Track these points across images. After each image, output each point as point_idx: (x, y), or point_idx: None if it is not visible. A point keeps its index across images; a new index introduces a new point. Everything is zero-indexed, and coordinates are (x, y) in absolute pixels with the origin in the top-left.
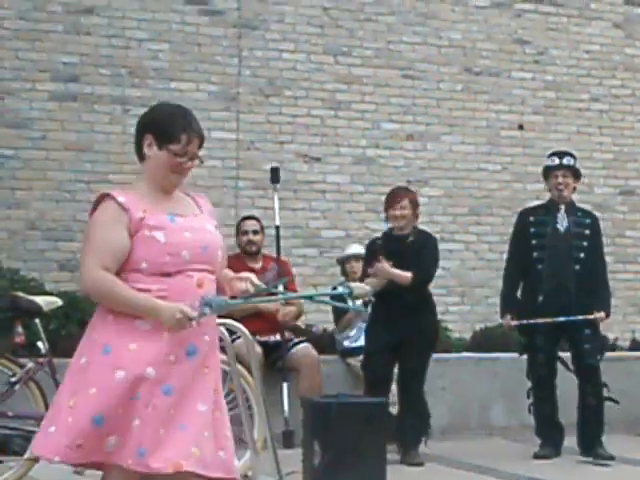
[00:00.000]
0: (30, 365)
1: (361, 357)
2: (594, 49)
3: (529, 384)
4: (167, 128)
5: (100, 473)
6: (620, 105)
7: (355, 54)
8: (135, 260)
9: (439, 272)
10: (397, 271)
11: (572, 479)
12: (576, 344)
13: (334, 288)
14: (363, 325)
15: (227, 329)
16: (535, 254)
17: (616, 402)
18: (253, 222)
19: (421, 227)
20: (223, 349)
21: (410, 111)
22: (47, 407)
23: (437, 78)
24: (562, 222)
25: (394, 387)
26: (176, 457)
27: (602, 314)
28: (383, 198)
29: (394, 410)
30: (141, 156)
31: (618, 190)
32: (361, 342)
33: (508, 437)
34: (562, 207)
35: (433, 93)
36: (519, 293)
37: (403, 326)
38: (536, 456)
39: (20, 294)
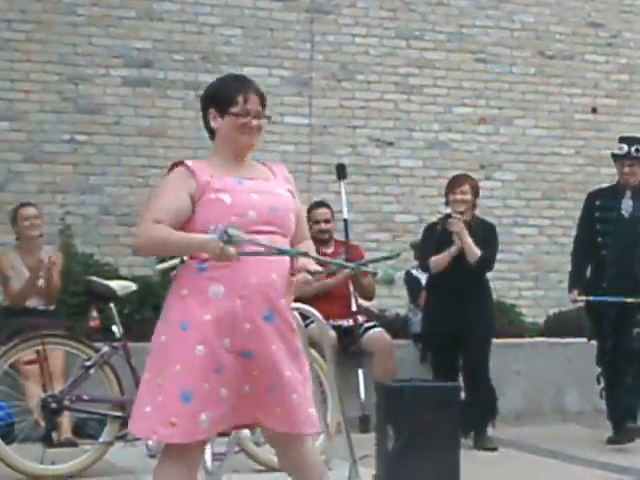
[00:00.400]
0: (105, 349)
1: None
2: None
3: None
4: (222, 95)
5: None
6: None
7: (427, 38)
8: (201, 223)
9: (513, 257)
10: (470, 240)
11: None
12: (624, 326)
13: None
14: None
15: (300, 313)
16: (600, 239)
17: None
18: (324, 210)
19: (487, 214)
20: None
21: (483, 95)
22: (122, 391)
23: (510, 62)
24: (627, 207)
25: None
26: (257, 412)
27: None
28: None
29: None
30: (212, 133)
31: None
32: None
33: (581, 423)
34: (629, 192)
35: (506, 77)
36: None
37: (463, 312)
38: (609, 441)
39: (94, 279)
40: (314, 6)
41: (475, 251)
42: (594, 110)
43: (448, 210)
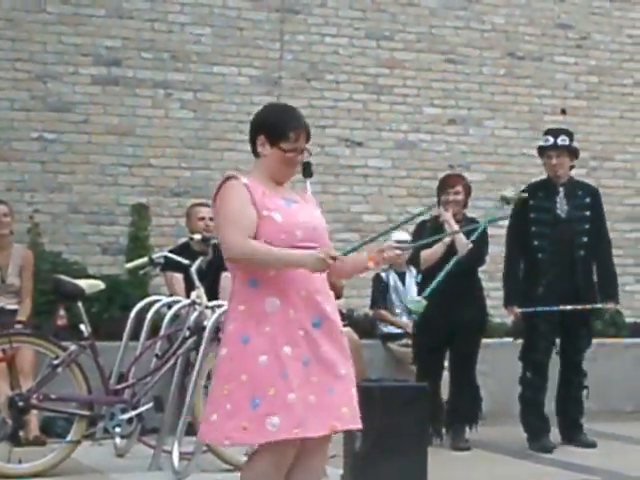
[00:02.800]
0: (73, 348)
1: (403, 341)
2: (637, 33)
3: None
4: (276, 126)
5: None
6: None
7: (397, 38)
8: (254, 238)
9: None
10: (461, 234)
11: (615, 464)
12: (571, 338)
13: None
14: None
15: None
16: (535, 242)
17: (586, 395)
18: None
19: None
20: None
21: (452, 96)
22: (90, 390)
23: (479, 62)
24: (562, 207)
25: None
26: (330, 420)
27: (611, 305)
28: (424, 183)
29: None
30: (255, 153)
31: None
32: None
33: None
34: (561, 189)
35: (475, 77)
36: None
37: (458, 312)
38: (538, 449)
39: (62, 277)
40: (284, 5)
41: (465, 242)
42: (563, 111)
43: (438, 212)
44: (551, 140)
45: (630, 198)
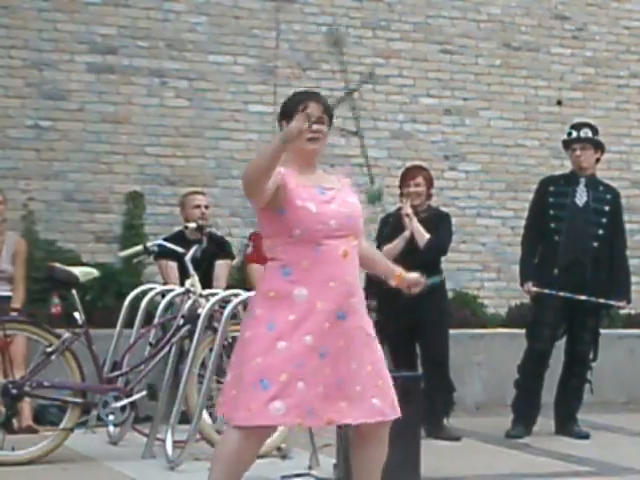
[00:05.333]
0: (66, 336)
1: None
2: (634, 25)
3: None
4: (288, 107)
5: None
6: None
7: (394, 28)
8: (289, 227)
9: (476, 248)
10: (419, 225)
11: (608, 455)
12: (576, 328)
13: None
14: None
15: None
16: (553, 225)
17: (591, 389)
18: None
19: (451, 205)
20: None
21: (448, 86)
22: (83, 378)
23: (475, 53)
24: (581, 196)
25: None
26: (331, 411)
27: (623, 302)
28: None
29: None
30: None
31: None
32: None
33: (542, 413)
34: (582, 180)
35: (471, 68)
36: (536, 261)
37: (416, 304)
38: (509, 435)
39: (57, 265)
40: None
41: (424, 235)
42: (559, 102)
43: (401, 204)
44: (574, 133)
45: (625, 190)
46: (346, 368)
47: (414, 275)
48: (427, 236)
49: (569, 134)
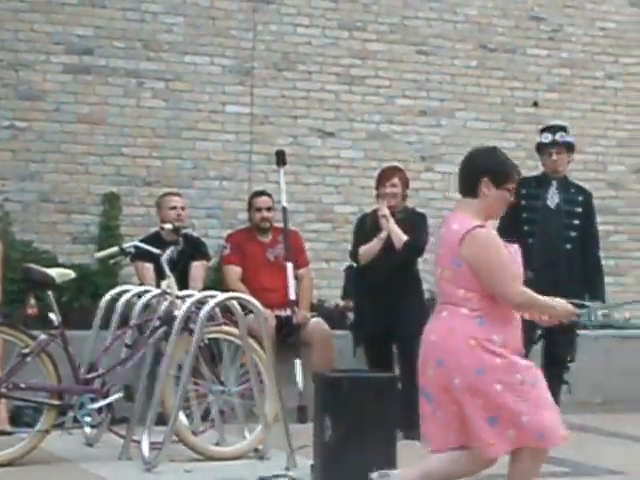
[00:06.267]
0: (42, 337)
1: None
2: (609, 26)
3: None
4: (504, 170)
5: None
6: (635, 83)
7: (370, 29)
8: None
9: None
10: (395, 226)
11: (584, 455)
12: (553, 332)
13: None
14: None
15: (239, 303)
16: (526, 227)
17: (569, 390)
18: (266, 199)
19: (428, 206)
20: (235, 323)
21: (424, 87)
22: (59, 379)
23: (452, 54)
24: (553, 198)
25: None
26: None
27: (598, 304)
28: None
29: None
30: (471, 193)
31: (632, 168)
32: None
33: None
34: (554, 182)
35: (447, 69)
36: None
37: (393, 306)
38: None
39: (33, 266)
40: None
41: (401, 236)
42: (535, 104)
43: (378, 205)
44: (550, 137)
45: (601, 191)
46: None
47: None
48: (404, 237)
49: (545, 137)
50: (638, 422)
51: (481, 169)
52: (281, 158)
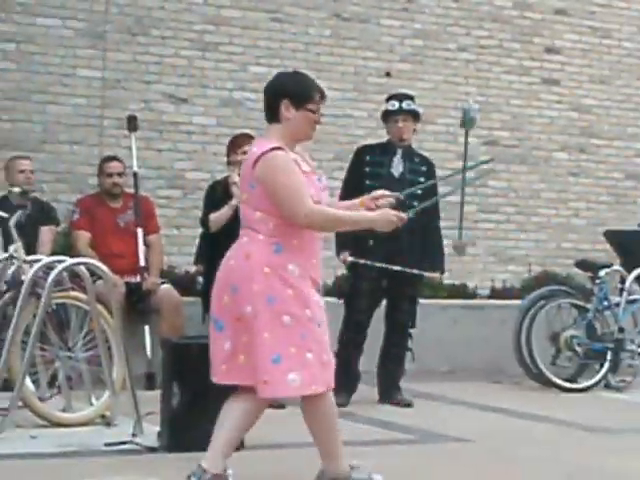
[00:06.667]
0: None
1: None
2: None
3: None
4: (302, 90)
5: None
6: (487, 56)
7: None
8: None
9: None
10: None
11: (430, 423)
12: (394, 298)
13: None
14: None
15: (88, 269)
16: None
17: (412, 357)
18: (117, 164)
19: None
20: (84, 289)
21: (278, 55)
22: None
23: (306, 22)
24: (397, 166)
25: None
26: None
27: (437, 274)
28: None
29: None
30: (274, 118)
31: (482, 140)
32: None
33: (367, 382)
34: (399, 150)
35: (301, 37)
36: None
37: None
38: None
39: None
40: None
41: None
42: (388, 74)
43: (229, 173)
44: (396, 105)
45: (452, 162)
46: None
47: (377, 193)
48: None
49: (392, 105)
50: (483, 390)
51: (280, 92)
52: (133, 123)
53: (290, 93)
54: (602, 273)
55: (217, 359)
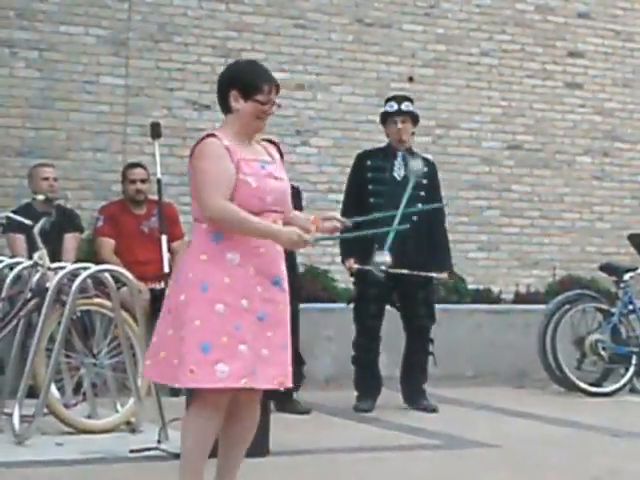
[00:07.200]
0: None
1: None
2: (485, 3)
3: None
4: (251, 81)
5: None
6: (509, 60)
7: (247, 1)
8: (230, 200)
9: None
10: None
11: (456, 428)
12: (408, 304)
13: None
14: None
15: (112, 276)
16: (372, 200)
17: (434, 362)
18: (141, 171)
19: (303, 180)
20: (108, 296)
21: (300, 61)
22: None
23: (328, 28)
24: (399, 170)
25: None
26: (280, 374)
27: (444, 275)
28: None
29: None
30: (227, 109)
31: (505, 144)
32: None
33: (391, 387)
34: (400, 154)
35: (324, 43)
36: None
37: None
38: (357, 409)
39: None
40: None
41: None
42: (410, 79)
43: None
44: (395, 106)
45: (475, 166)
46: (286, 334)
47: (329, 214)
48: None
49: (390, 106)
50: (508, 395)
51: (229, 83)
52: (156, 130)
53: (238, 84)
54: (627, 277)
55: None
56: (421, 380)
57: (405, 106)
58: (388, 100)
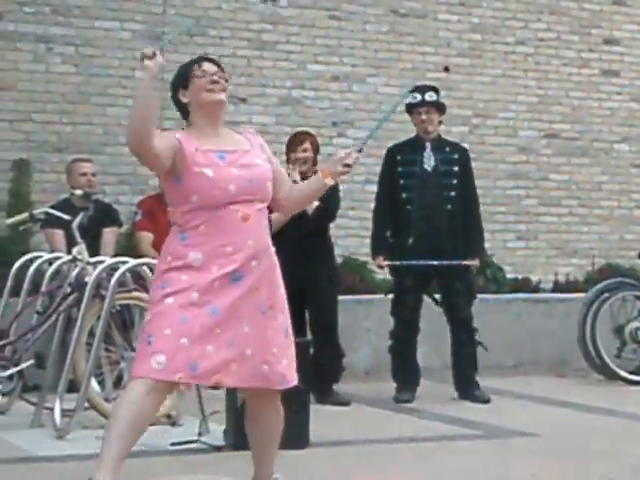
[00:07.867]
0: None
1: None
2: None
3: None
4: (181, 72)
5: None
6: (545, 49)
7: None
8: (186, 193)
9: (364, 214)
10: None
11: (498, 418)
12: (448, 295)
13: None
14: None
15: (151, 269)
16: (404, 195)
17: (485, 348)
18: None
19: None
20: (147, 289)
21: (336, 52)
22: None
23: (363, 19)
24: (429, 161)
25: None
26: (218, 371)
27: (476, 262)
28: None
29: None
30: (186, 112)
31: (542, 133)
32: None
33: (431, 378)
34: (428, 144)
35: (359, 34)
36: (390, 234)
37: (307, 269)
38: (397, 400)
39: None
40: None
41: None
42: (446, 69)
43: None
44: (419, 97)
45: (512, 156)
46: (238, 330)
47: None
48: (315, 202)
49: (414, 97)
50: (548, 384)
51: (174, 90)
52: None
53: (177, 83)
54: None
55: None
56: (472, 371)
57: (429, 96)
58: (411, 91)
